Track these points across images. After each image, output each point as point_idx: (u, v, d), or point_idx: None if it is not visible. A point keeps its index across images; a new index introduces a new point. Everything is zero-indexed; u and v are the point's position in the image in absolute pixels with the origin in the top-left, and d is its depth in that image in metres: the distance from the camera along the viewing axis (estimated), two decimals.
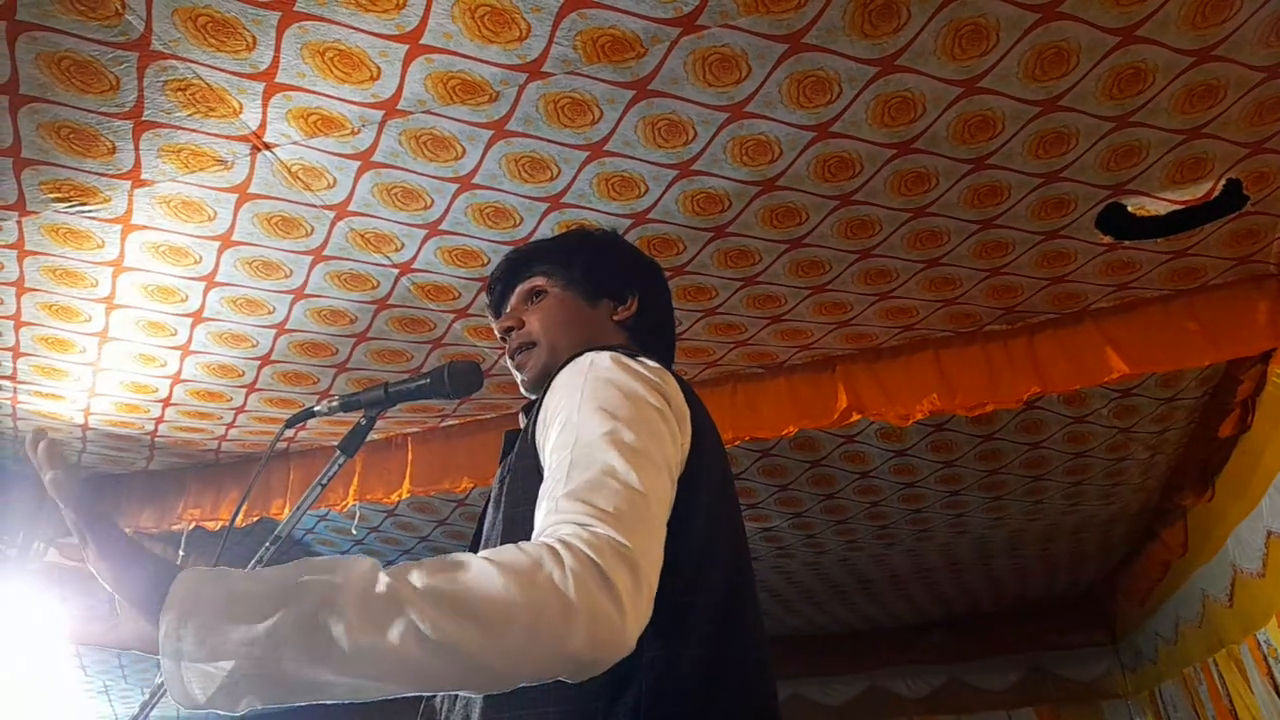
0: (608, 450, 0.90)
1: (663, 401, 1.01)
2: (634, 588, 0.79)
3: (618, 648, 0.78)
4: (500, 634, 0.73)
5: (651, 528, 0.87)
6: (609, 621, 0.76)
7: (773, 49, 1.67)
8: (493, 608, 0.73)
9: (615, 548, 0.80)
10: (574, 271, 1.32)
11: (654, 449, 0.94)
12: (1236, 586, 3.49)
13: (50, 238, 2.11)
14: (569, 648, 0.75)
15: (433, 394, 1.35)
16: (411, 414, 3.13)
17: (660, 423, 0.98)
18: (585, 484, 0.87)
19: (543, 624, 0.74)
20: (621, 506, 0.85)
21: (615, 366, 1.02)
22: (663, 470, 0.94)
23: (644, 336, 1.33)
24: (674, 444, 0.99)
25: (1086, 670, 6.20)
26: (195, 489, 3.39)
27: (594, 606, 0.76)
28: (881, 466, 3.70)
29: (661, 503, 0.92)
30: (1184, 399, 3.14)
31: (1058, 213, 2.22)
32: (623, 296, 1.33)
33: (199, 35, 1.57)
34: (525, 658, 0.75)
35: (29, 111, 1.73)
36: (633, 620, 0.78)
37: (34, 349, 2.58)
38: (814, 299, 2.56)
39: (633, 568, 0.80)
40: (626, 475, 0.88)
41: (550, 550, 0.78)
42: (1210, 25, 1.67)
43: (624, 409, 0.96)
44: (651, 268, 1.43)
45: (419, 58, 1.64)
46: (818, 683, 6.65)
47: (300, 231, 2.14)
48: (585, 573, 0.77)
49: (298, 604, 0.71)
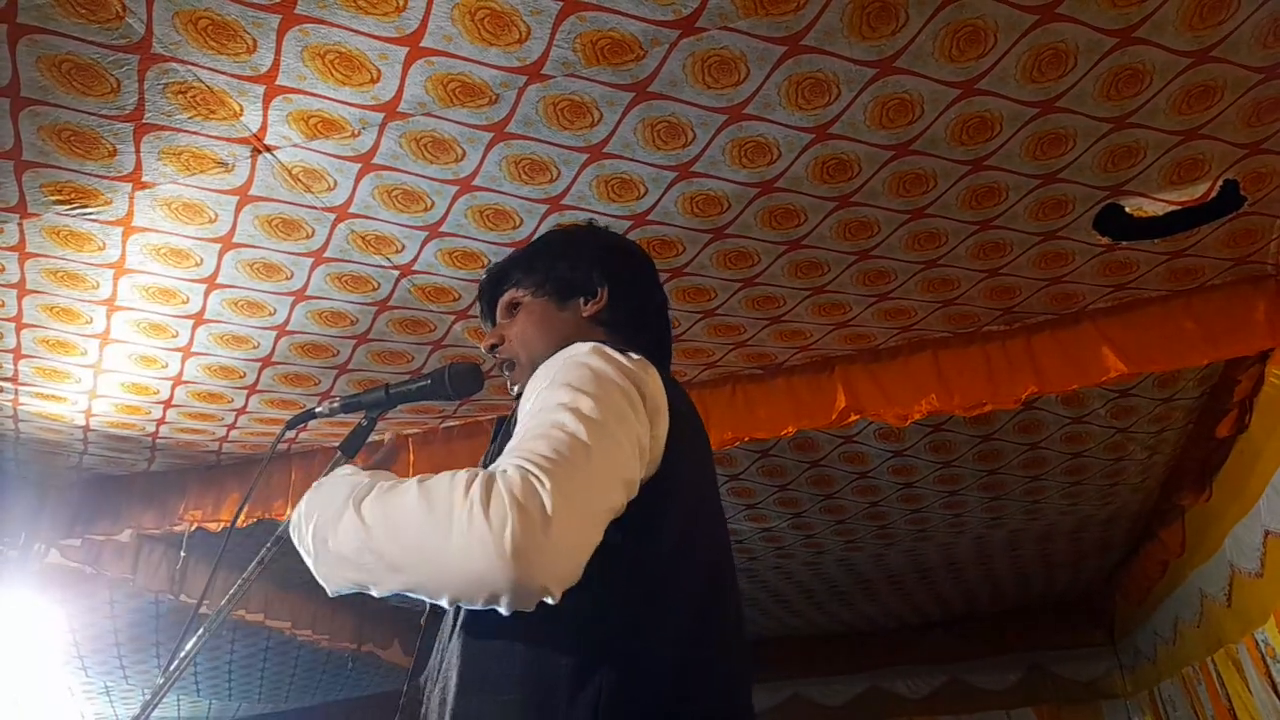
0: (561, 413, 0.93)
1: (633, 388, 1.01)
2: (540, 523, 0.81)
3: (497, 571, 0.80)
4: (403, 543, 0.86)
5: (588, 477, 0.88)
6: (485, 548, 0.80)
7: (771, 51, 1.67)
8: (401, 517, 0.88)
9: (531, 484, 0.84)
10: (539, 275, 1.31)
11: (612, 422, 0.95)
12: (1234, 586, 3.50)
13: (51, 240, 2.11)
14: (451, 570, 0.83)
15: (433, 395, 1.36)
16: (412, 415, 3.14)
17: (625, 405, 0.98)
18: (531, 437, 0.91)
19: (428, 536, 0.84)
20: (560, 451, 0.88)
21: (591, 352, 1.03)
22: (620, 443, 0.94)
23: (624, 329, 1.28)
24: (640, 427, 0.99)
25: (1086, 670, 6.21)
26: (196, 490, 3.40)
27: (474, 531, 0.81)
28: (880, 467, 3.71)
29: (609, 463, 0.92)
30: (1182, 399, 3.15)
31: (1056, 214, 2.22)
32: (592, 290, 1.29)
33: (200, 38, 1.58)
34: (425, 573, 0.85)
35: (30, 114, 1.73)
36: (523, 547, 0.80)
37: (35, 351, 2.58)
38: (813, 300, 2.56)
39: (540, 505, 0.82)
40: (574, 429, 0.91)
41: (468, 477, 0.85)
42: (1208, 26, 1.68)
43: (588, 385, 0.97)
44: (621, 252, 1.39)
45: (419, 60, 1.65)
46: (818, 683, 6.67)
47: (301, 233, 2.15)
48: (482, 498, 0.82)
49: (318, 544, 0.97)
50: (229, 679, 5.88)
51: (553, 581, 0.82)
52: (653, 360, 1.12)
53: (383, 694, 6.80)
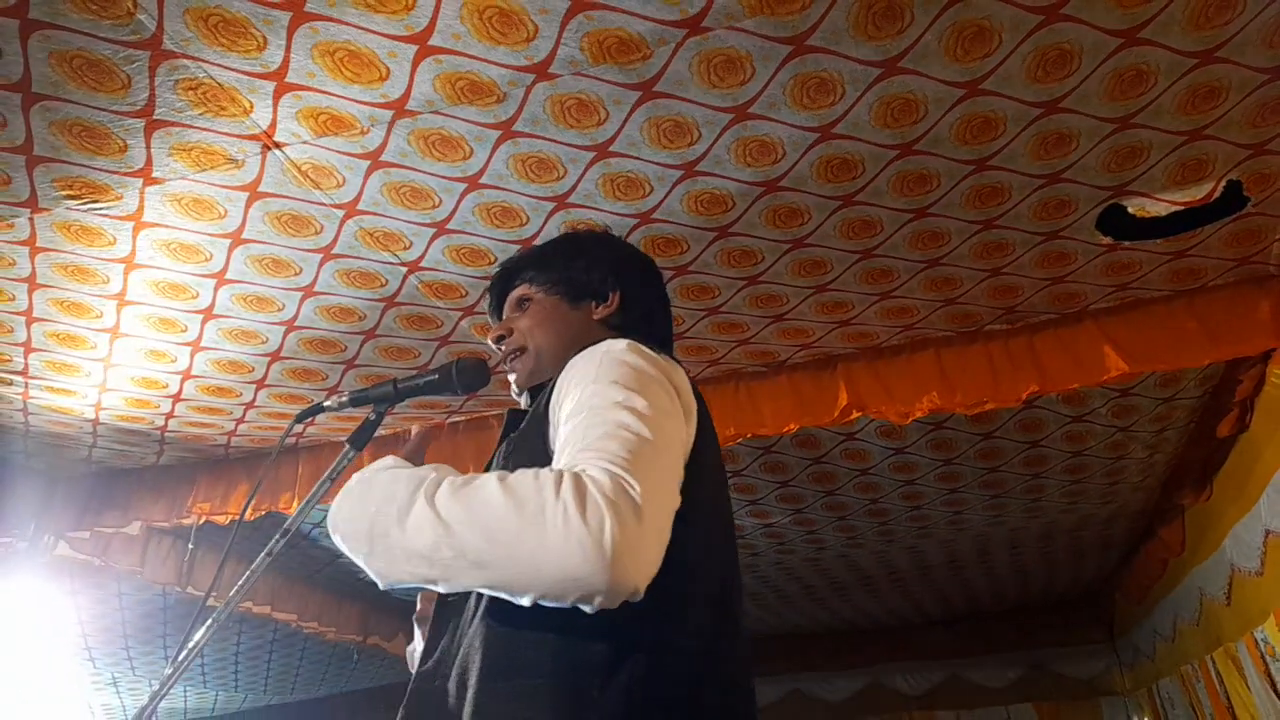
0: (620, 412, 0.94)
1: (672, 390, 1.04)
2: (635, 525, 0.82)
3: (597, 573, 0.80)
4: (491, 541, 0.84)
5: (662, 475, 0.91)
6: (584, 550, 0.80)
7: (777, 51, 1.68)
8: (487, 516, 0.85)
9: (620, 485, 0.84)
10: (554, 275, 1.35)
11: (665, 423, 0.97)
12: (1234, 585, 3.51)
13: (62, 234, 2.13)
14: (545, 571, 0.82)
15: (440, 390, 1.37)
16: (419, 410, 3.16)
17: (669, 403, 1.01)
18: (598, 437, 0.91)
19: (525, 543, 0.82)
20: (634, 451, 0.89)
21: (630, 350, 1.05)
22: (675, 444, 0.97)
23: (632, 333, 1.31)
24: (681, 426, 1.02)
25: (1085, 667, 6.22)
26: (205, 483, 3.42)
27: (571, 533, 0.81)
28: (882, 464, 3.72)
29: (672, 468, 0.94)
30: (1183, 398, 3.16)
31: (1059, 213, 2.23)
32: (604, 295, 1.34)
33: (210, 35, 1.59)
34: (515, 573, 0.83)
35: (41, 109, 1.75)
36: (623, 547, 0.81)
37: (46, 344, 2.60)
38: (816, 298, 2.58)
39: (634, 506, 0.83)
40: (638, 428, 0.92)
41: (555, 477, 0.85)
42: (1213, 27, 1.69)
43: (635, 382, 0.99)
44: (634, 261, 1.43)
45: (428, 58, 1.67)
46: (818, 678, 6.69)
47: (310, 230, 2.17)
48: (576, 499, 0.82)
49: (375, 538, 0.94)
50: (235, 670, 5.92)
51: (644, 580, 0.83)
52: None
53: (388, 686, 6.84)
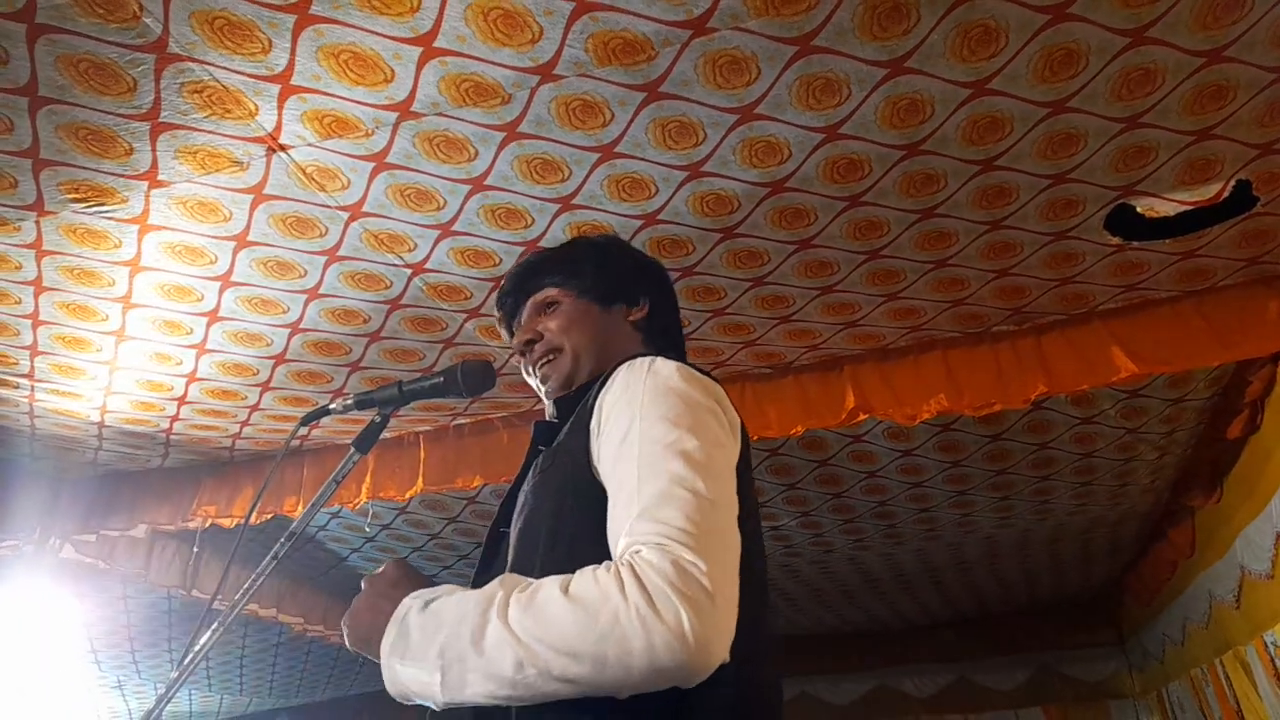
0: (674, 459, 0.92)
1: (720, 410, 1.03)
2: (710, 609, 0.82)
3: (688, 663, 0.80)
4: (574, 655, 0.82)
5: (724, 537, 0.90)
6: (670, 648, 0.79)
7: (782, 51, 1.68)
8: (567, 641, 0.83)
9: (685, 570, 0.83)
10: (585, 279, 1.32)
11: (718, 456, 0.96)
12: (1244, 588, 3.49)
13: (68, 237, 2.14)
14: (636, 672, 0.81)
15: (445, 393, 1.37)
16: (424, 412, 3.15)
17: (719, 431, 1.00)
18: (654, 498, 0.89)
19: (609, 653, 0.81)
20: (693, 518, 0.87)
21: (679, 375, 1.03)
22: (728, 478, 0.96)
23: (657, 339, 1.33)
24: (732, 451, 1.01)
25: (1094, 670, 6.19)
26: (210, 486, 3.42)
27: (653, 634, 0.80)
28: (889, 466, 3.71)
29: (730, 508, 0.93)
30: (1193, 400, 3.14)
31: (1066, 214, 2.22)
32: (635, 299, 1.33)
33: (215, 38, 1.59)
34: (606, 679, 0.82)
35: (48, 113, 1.75)
36: (704, 634, 0.81)
37: (51, 347, 2.61)
38: (822, 299, 2.57)
39: (704, 591, 0.82)
40: (694, 483, 0.90)
41: (616, 579, 0.83)
42: (1221, 26, 1.67)
43: (686, 417, 0.97)
44: (657, 269, 1.44)
45: (432, 60, 1.66)
46: (826, 681, 6.67)
47: (315, 232, 2.17)
48: (645, 598, 0.81)
49: (448, 664, 0.89)
50: (240, 674, 5.92)
51: (727, 648, 0.83)
52: None
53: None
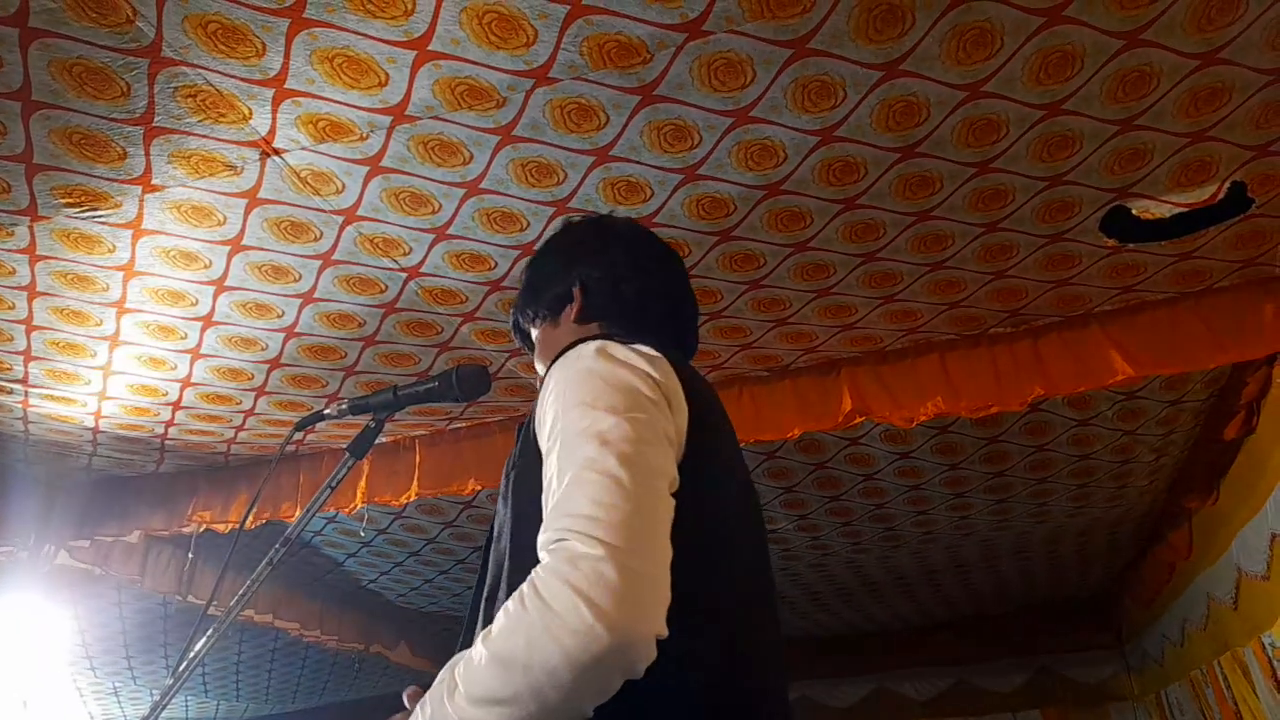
0: (587, 444, 0.90)
1: (648, 380, 0.98)
2: (613, 583, 0.79)
3: (609, 649, 0.77)
4: (521, 702, 0.79)
5: (639, 513, 0.86)
6: (577, 640, 0.77)
7: (778, 54, 1.68)
8: (496, 691, 0.80)
9: (577, 559, 0.81)
10: (533, 306, 1.30)
11: (639, 429, 0.92)
12: (1241, 589, 3.49)
13: (62, 242, 2.13)
14: (571, 682, 0.78)
15: (441, 397, 1.36)
16: (419, 417, 3.15)
17: (645, 399, 0.96)
18: (565, 489, 0.88)
19: (539, 680, 0.78)
20: (600, 500, 0.85)
21: (596, 355, 1.00)
22: (654, 448, 0.92)
23: (617, 318, 1.23)
24: (665, 421, 0.96)
25: (1093, 672, 6.19)
26: (205, 491, 3.41)
27: (560, 637, 0.77)
28: (886, 469, 3.71)
29: (652, 477, 0.89)
30: (1189, 401, 3.14)
31: (1062, 216, 2.22)
32: (569, 295, 1.26)
33: (209, 42, 1.59)
34: (557, 703, 0.79)
35: (41, 118, 1.74)
36: (614, 616, 0.77)
37: (45, 353, 2.60)
38: (819, 302, 2.57)
39: (597, 570, 0.80)
40: (604, 463, 0.87)
41: (520, 602, 0.81)
42: (1216, 29, 1.68)
43: (604, 397, 0.94)
44: (593, 239, 1.32)
45: (427, 64, 1.66)
46: (824, 684, 6.66)
47: (309, 236, 2.16)
48: (544, 608, 0.79)
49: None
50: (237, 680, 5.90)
51: (656, 624, 0.80)
52: (660, 345, 1.09)
53: (390, 695, 6.80)
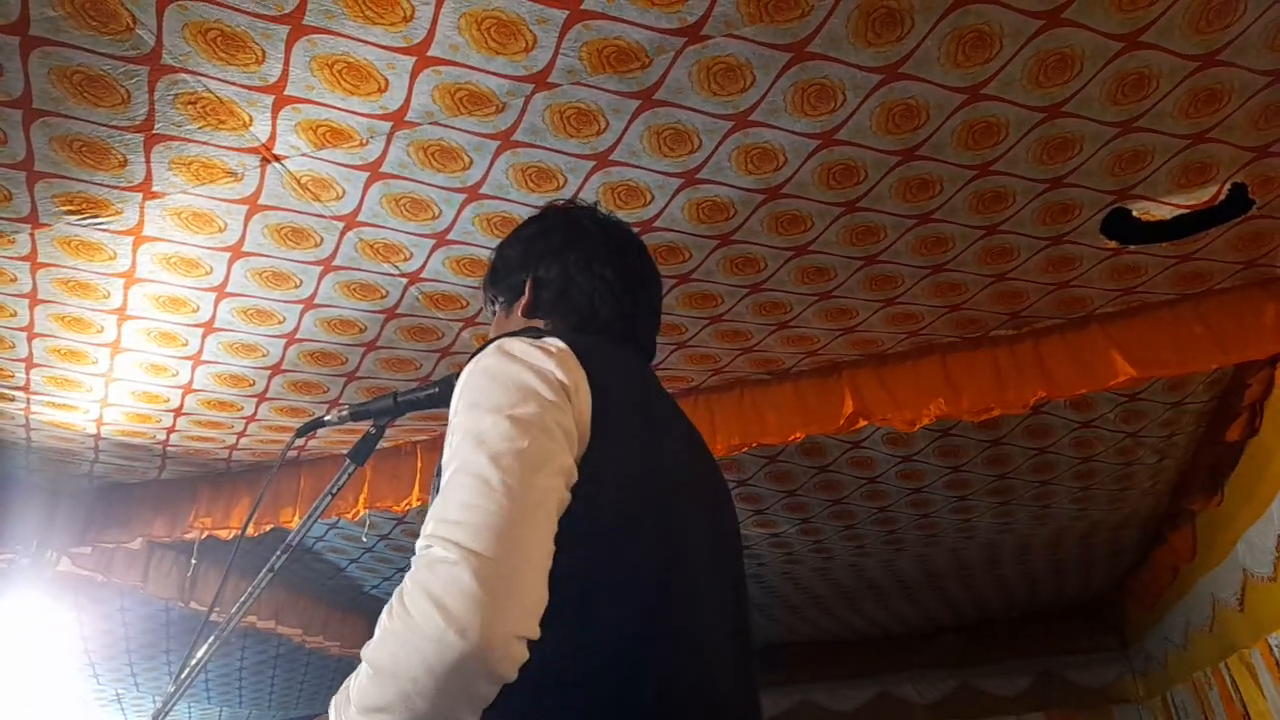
0: (466, 445, 0.90)
1: (541, 375, 0.97)
2: (468, 588, 0.78)
3: (470, 655, 0.77)
4: (394, 710, 0.79)
5: (502, 514, 0.84)
6: (435, 648, 0.77)
7: (777, 58, 1.68)
8: (374, 699, 0.80)
9: (435, 564, 0.81)
10: (493, 287, 1.33)
11: (525, 427, 0.91)
12: (1247, 590, 3.47)
13: (63, 250, 2.13)
14: (440, 690, 0.78)
15: (442, 402, 1.35)
16: (421, 422, 3.15)
17: (535, 392, 0.95)
18: (440, 492, 0.89)
19: (407, 688, 0.78)
20: (468, 503, 0.85)
21: (494, 352, 1.00)
22: (536, 441, 0.90)
23: (558, 312, 1.25)
24: (559, 412, 0.95)
25: (1097, 675, 6.17)
26: (207, 498, 3.41)
27: (420, 646, 0.77)
28: (888, 472, 3.70)
29: (529, 475, 0.88)
30: (1191, 403, 3.14)
31: (1063, 218, 2.22)
32: (520, 288, 1.28)
33: (209, 49, 1.59)
34: (429, 710, 0.79)
35: (42, 125, 1.75)
36: (472, 620, 0.77)
37: (47, 360, 2.60)
38: (820, 305, 2.56)
39: (452, 575, 0.80)
40: (476, 465, 0.87)
41: (389, 614, 0.82)
42: (1215, 30, 1.68)
43: (491, 396, 0.94)
44: (553, 231, 1.33)
45: (426, 69, 1.66)
46: (827, 688, 6.64)
47: (310, 242, 2.16)
48: (405, 617, 0.79)
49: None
50: (240, 686, 5.90)
51: (523, 625, 0.80)
52: (592, 335, 1.09)
53: None
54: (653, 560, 0.98)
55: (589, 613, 0.90)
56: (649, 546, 0.98)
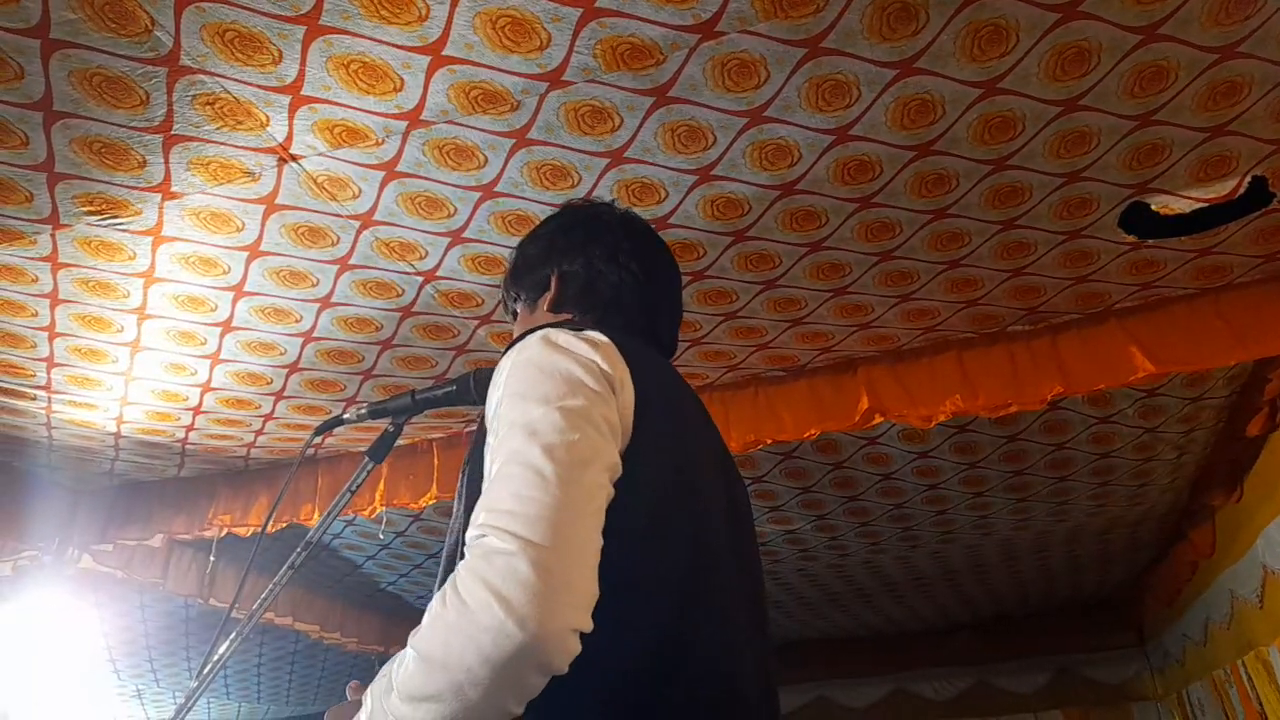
0: (516, 436, 0.89)
1: (589, 366, 0.97)
2: (525, 578, 0.78)
3: (525, 647, 0.76)
4: (443, 700, 0.79)
5: (556, 505, 0.84)
6: (492, 637, 0.76)
7: (791, 54, 1.67)
8: (423, 688, 0.80)
9: (492, 555, 0.80)
10: (517, 285, 1.33)
11: (573, 418, 0.91)
12: (1267, 587, 3.45)
13: (83, 250, 2.15)
14: (491, 681, 0.77)
15: (459, 400, 1.37)
16: (437, 419, 3.16)
17: (583, 385, 0.94)
18: (491, 484, 0.88)
19: (459, 679, 0.78)
20: (520, 493, 0.84)
21: (539, 343, 1.00)
22: (585, 435, 0.90)
23: (585, 307, 1.25)
24: (605, 406, 0.95)
25: (1115, 672, 6.14)
26: (226, 495, 3.44)
27: (476, 635, 0.77)
28: (904, 468, 3.69)
29: (580, 468, 0.88)
30: (1211, 398, 3.11)
31: (1080, 212, 2.21)
32: (545, 283, 1.28)
33: (226, 50, 1.60)
34: (480, 699, 0.78)
35: (62, 127, 1.77)
36: (528, 611, 0.77)
37: (67, 359, 2.63)
38: (834, 301, 2.56)
39: (509, 565, 0.79)
40: (528, 455, 0.87)
41: (443, 601, 0.81)
42: (1234, 21, 1.66)
43: (538, 386, 0.94)
44: (575, 227, 1.33)
45: (441, 68, 1.67)
46: (843, 685, 6.64)
47: (326, 241, 2.18)
48: (461, 606, 0.79)
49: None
50: (258, 682, 5.95)
51: (576, 618, 0.80)
52: (620, 329, 1.09)
53: None
54: (685, 560, 0.98)
55: (625, 610, 0.90)
56: (681, 545, 0.99)
